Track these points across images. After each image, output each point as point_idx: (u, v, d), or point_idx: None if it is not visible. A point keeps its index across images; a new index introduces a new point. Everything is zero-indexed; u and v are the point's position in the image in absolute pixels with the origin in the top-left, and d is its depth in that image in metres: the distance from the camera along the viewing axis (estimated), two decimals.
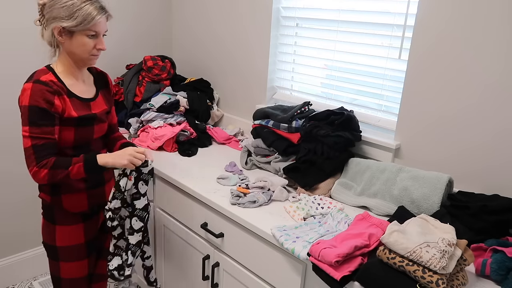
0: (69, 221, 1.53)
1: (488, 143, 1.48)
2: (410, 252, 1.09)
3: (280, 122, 1.87)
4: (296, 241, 1.30)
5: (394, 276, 1.11)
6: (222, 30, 2.41)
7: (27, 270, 2.49)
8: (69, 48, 1.42)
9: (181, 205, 1.84)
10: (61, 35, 1.39)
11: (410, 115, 1.68)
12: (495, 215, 1.32)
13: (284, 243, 1.30)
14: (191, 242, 1.84)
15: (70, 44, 1.41)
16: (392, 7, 1.74)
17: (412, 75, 1.64)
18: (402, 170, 1.58)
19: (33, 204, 2.42)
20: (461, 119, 1.54)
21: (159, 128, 2.11)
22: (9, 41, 2.13)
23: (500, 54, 1.41)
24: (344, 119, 1.74)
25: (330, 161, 1.70)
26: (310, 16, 2.02)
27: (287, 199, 1.65)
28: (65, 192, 1.49)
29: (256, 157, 1.94)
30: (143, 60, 2.35)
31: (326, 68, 2.04)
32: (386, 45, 1.78)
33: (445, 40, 1.53)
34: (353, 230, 1.29)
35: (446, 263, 1.05)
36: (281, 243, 1.32)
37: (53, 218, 1.52)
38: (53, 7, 1.35)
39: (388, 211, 1.53)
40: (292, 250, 1.27)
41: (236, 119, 2.41)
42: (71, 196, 1.50)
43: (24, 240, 2.44)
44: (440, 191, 1.44)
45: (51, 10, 1.36)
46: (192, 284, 1.90)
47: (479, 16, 1.43)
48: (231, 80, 2.43)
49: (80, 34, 1.39)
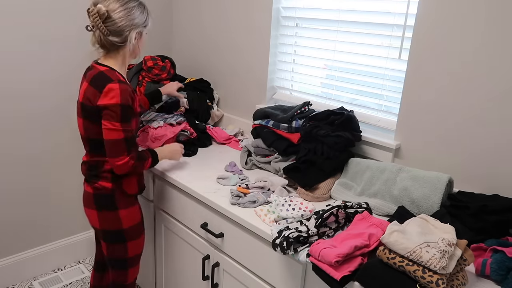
0: (129, 203, 1.67)
1: (488, 143, 1.48)
2: (410, 252, 1.09)
3: (280, 122, 1.87)
4: None
5: (394, 276, 1.11)
6: (222, 30, 2.41)
7: (27, 270, 2.49)
8: (136, 48, 1.63)
9: (181, 205, 1.84)
10: (136, 38, 1.58)
11: (410, 115, 1.68)
12: (495, 215, 1.32)
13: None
14: (191, 242, 1.84)
15: (139, 45, 1.63)
16: (392, 7, 1.74)
17: (412, 75, 1.64)
18: (402, 170, 1.58)
19: (34, 204, 2.42)
20: (461, 119, 1.54)
21: (159, 128, 2.11)
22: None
23: (500, 54, 1.41)
24: (344, 119, 1.74)
25: (330, 161, 1.70)
26: (310, 16, 2.02)
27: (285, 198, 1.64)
28: (124, 176, 1.63)
29: (256, 157, 1.94)
30: (143, 60, 2.35)
31: (326, 68, 2.04)
32: (386, 45, 1.78)
33: (445, 40, 1.53)
34: (353, 230, 1.29)
35: (446, 263, 1.05)
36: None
37: (114, 204, 1.63)
38: (133, 15, 1.53)
39: (388, 211, 1.53)
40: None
41: (236, 119, 2.41)
42: (129, 179, 1.65)
43: (24, 240, 2.44)
44: (440, 191, 1.44)
45: (131, 18, 1.53)
46: (192, 284, 1.90)
47: (479, 16, 1.43)
48: (231, 80, 2.43)
49: (144, 34, 1.64)
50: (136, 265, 1.78)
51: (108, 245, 1.69)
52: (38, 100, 2.29)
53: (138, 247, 1.74)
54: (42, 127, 2.34)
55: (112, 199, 1.63)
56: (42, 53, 2.24)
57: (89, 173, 1.63)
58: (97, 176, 1.62)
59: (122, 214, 1.64)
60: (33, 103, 2.27)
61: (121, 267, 1.73)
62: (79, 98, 1.57)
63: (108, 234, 1.67)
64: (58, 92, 2.35)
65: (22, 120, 2.26)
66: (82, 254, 2.71)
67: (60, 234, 2.59)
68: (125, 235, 1.67)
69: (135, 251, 1.73)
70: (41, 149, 2.37)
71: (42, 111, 2.32)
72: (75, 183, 2.54)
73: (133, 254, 1.73)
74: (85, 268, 2.64)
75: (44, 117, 2.33)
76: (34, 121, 2.30)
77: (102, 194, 1.62)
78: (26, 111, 2.26)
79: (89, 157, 1.63)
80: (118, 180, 1.62)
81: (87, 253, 2.74)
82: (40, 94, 2.29)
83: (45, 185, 2.44)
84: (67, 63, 2.34)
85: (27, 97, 2.24)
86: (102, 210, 1.63)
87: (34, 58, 2.22)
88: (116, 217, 1.64)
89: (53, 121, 2.37)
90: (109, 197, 1.62)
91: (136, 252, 1.74)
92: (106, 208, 1.63)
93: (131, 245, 1.70)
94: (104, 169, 1.60)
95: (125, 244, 1.68)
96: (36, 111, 2.30)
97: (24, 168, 2.33)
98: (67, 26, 2.29)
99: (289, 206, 1.53)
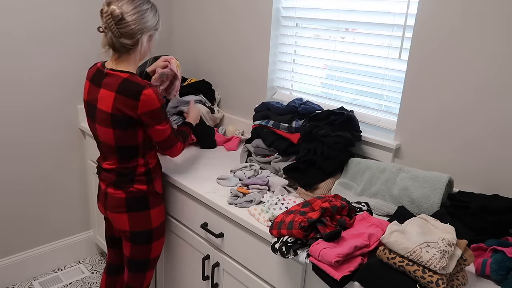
0: (158, 202, 1.72)
1: (489, 143, 1.48)
2: (410, 252, 1.09)
3: (280, 122, 1.87)
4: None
5: (394, 276, 1.11)
6: (222, 30, 2.41)
7: (27, 270, 2.49)
8: (146, 50, 1.61)
9: (181, 205, 1.84)
10: (147, 41, 1.57)
11: (410, 115, 1.68)
12: (495, 215, 1.32)
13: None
14: (191, 242, 1.84)
15: (150, 47, 1.62)
16: (392, 7, 1.74)
17: (412, 75, 1.64)
18: (402, 170, 1.58)
19: (34, 204, 2.42)
20: (462, 119, 1.54)
21: None
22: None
23: (500, 54, 1.41)
24: (344, 119, 1.74)
25: (330, 161, 1.70)
26: (310, 16, 2.02)
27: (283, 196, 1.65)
28: (156, 178, 1.69)
29: (256, 157, 1.94)
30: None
31: (326, 68, 2.04)
32: (386, 45, 1.78)
33: (445, 40, 1.53)
34: (353, 230, 1.29)
35: (446, 263, 1.05)
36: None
37: (147, 205, 1.67)
38: (147, 18, 1.53)
39: (388, 211, 1.53)
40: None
41: (236, 119, 2.41)
42: (159, 180, 1.71)
43: (24, 240, 2.44)
44: (440, 191, 1.44)
45: (144, 21, 1.52)
46: (192, 284, 1.90)
47: (479, 15, 1.43)
48: (231, 80, 2.43)
49: (155, 37, 1.62)
50: (153, 268, 1.80)
51: (133, 246, 1.69)
52: (41, 96, 2.29)
53: (160, 248, 1.77)
54: (42, 127, 2.34)
55: (145, 200, 1.65)
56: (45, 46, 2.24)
57: (120, 179, 1.62)
58: (131, 181, 1.62)
59: (153, 213, 1.68)
60: (35, 100, 2.28)
61: (141, 269, 1.75)
62: (106, 109, 1.52)
63: (137, 235, 1.68)
64: (63, 87, 2.35)
65: (22, 120, 2.26)
66: (82, 254, 2.72)
67: (60, 234, 2.59)
68: (153, 235, 1.70)
69: (157, 252, 1.76)
70: (41, 149, 2.37)
71: (42, 110, 2.32)
72: (75, 183, 2.55)
73: (155, 255, 1.76)
74: (85, 268, 2.64)
75: (44, 117, 2.33)
76: (34, 120, 2.30)
77: (136, 197, 1.64)
78: (26, 110, 2.26)
79: (119, 165, 1.61)
80: (151, 181, 1.66)
81: (87, 253, 2.74)
82: (45, 89, 2.29)
83: (45, 185, 2.44)
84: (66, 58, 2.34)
85: (30, 92, 2.25)
86: (133, 212, 1.64)
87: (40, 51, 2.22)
88: (147, 217, 1.67)
89: (54, 120, 2.37)
90: (143, 198, 1.65)
91: (157, 253, 1.77)
92: (138, 210, 1.65)
93: (155, 245, 1.73)
94: (138, 173, 1.62)
95: (150, 245, 1.71)
96: (37, 111, 2.30)
97: (24, 168, 2.33)
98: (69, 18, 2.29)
99: (282, 205, 1.53)
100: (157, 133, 1.58)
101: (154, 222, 1.69)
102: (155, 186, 1.68)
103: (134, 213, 1.65)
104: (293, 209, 1.38)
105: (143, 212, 1.66)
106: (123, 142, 1.57)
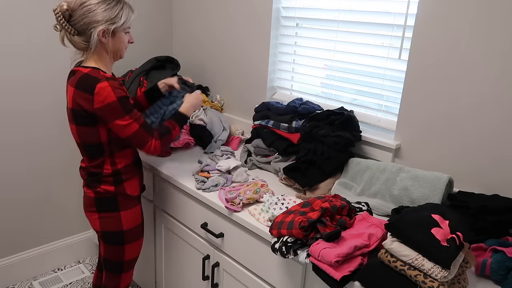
0: (130, 204, 1.66)
1: (489, 143, 1.48)
2: (412, 259, 1.08)
3: (280, 122, 1.87)
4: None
5: (395, 278, 1.11)
6: (222, 30, 2.41)
7: (27, 270, 2.49)
8: (112, 46, 1.54)
9: (181, 205, 1.84)
10: (105, 36, 1.49)
11: (410, 115, 1.68)
12: (495, 215, 1.32)
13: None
14: (191, 242, 1.84)
15: (113, 43, 1.53)
16: (392, 7, 1.74)
17: (412, 75, 1.64)
18: (402, 170, 1.58)
19: (34, 203, 2.42)
20: (462, 119, 1.54)
21: None
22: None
23: (500, 54, 1.41)
24: (344, 119, 1.74)
25: (330, 161, 1.70)
26: (310, 16, 2.02)
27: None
28: (127, 179, 1.63)
29: (256, 157, 1.94)
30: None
31: (326, 68, 2.04)
32: (386, 45, 1.78)
33: (445, 40, 1.53)
34: (353, 230, 1.29)
35: (448, 273, 1.04)
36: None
37: (117, 206, 1.63)
38: (95, 12, 1.45)
39: (388, 211, 1.53)
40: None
41: (236, 119, 2.41)
42: (131, 182, 1.64)
43: (24, 240, 2.44)
44: (440, 191, 1.44)
45: (92, 15, 1.44)
46: (192, 284, 1.90)
47: (479, 15, 1.43)
48: (231, 80, 2.43)
49: (121, 32, 1.53)
50: (130, 271, 1.77)
51: (106, 247, 1.68)
52: (41, 96, 2.29)
53: (135, 250, 1.73)
54: (42, 126, 2.34)
55: (114, 201, 1.62)
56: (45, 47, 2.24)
57: (89, 179, 1.61)
58: (98, 181, 1.60)
59: (123, 215, 1.64)
60: (34, 100, 2.28)
61: (115, 270, 1.72)
62: (68, 104, 1.53)
63: (108, 236, 1.66)
64: (63, 87, 2.35)
65: (22, 119, 2.26)
66: (82, 254, 2.71)
67: (60, 234, 2.59)
68: (124, 237, 1.66)
69: (132, 255, 1.72)
70: (41, 148, 2.37)
71: (42, 110, 2.32)
72: (75, 183, 2.54)
73: (129, 258, 1.72)
74: (85, 268, 2.64)
75: (44, 117, 2.34)
76: (34, 121, 2.30)
77: (104, 197, 1.61)
78: (26, 110, 2.26)
79: (88, 163, 1.60)
80: (120, 183, 1.61)
81: (87, 253, 2.74)
82: (43, 90, 2.29)
83: (45, 185, 2.44)
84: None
85: (28, 93, 2.25)
86: (103, 212, 1.63)
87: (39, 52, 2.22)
88: (117, 218, 1.63)
89: (52, 120, 2.37)
90: (111, 199, 1.62)
91: (132, 255, 1.73)
92: (108, 210, 1.62)
93: (128, 248, 1.69)
94: (104, 174, 1.58)
95: (123, 246, 1.67)
96: (36, 110, 2.30)
97: (24, 167, 2.33)
98: None
99: (282, 204, 1.54)
100: (119, 129, 1.49)
101: (126, 225, 1.65)
102: (126, 188, 1.62)
103: (104, 214, 1.63)
104: (293, 209, 1.38)
105: (113, 213, 1.63)
106: (87, 139, 1.54)
